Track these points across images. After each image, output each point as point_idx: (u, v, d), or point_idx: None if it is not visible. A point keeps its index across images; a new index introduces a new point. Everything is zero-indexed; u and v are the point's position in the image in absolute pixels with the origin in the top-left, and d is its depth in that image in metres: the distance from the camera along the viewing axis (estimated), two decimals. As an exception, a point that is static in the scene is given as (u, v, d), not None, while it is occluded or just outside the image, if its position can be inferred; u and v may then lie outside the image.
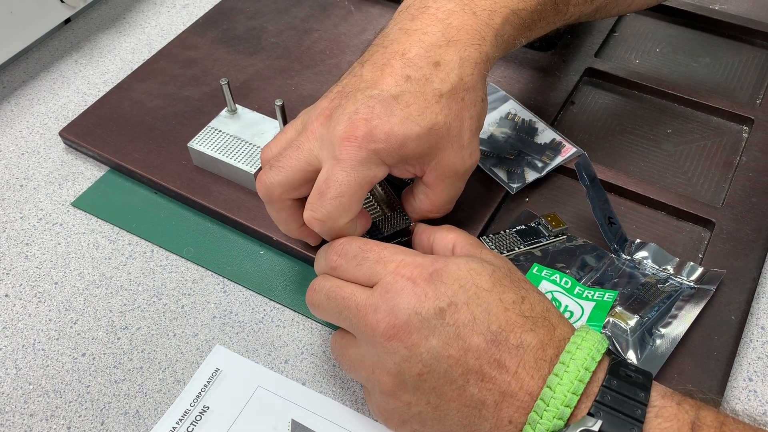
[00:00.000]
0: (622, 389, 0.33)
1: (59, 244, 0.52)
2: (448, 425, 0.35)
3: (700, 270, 0.46)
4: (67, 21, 0.70)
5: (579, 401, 0.33)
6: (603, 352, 0.34)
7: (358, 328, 0.36)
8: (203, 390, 0.43)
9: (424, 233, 0.43)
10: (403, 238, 0.44)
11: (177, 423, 0.42)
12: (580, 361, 0.33)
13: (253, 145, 0.52)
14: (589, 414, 0.32)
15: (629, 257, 0.47)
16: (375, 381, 0.36)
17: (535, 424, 0.33)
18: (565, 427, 0.32)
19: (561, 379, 0.33)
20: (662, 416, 0.32)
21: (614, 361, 0.34)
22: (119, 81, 0.62)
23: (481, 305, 0.34)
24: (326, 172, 0.38)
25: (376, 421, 0.42)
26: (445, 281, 0.35)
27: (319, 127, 0.40)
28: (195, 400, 0.43)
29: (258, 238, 0.51)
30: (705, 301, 0.44)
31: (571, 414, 0.32)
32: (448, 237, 0.41)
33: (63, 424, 0.43)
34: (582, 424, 0.32)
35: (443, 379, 0.34)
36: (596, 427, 0.32)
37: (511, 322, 0.34)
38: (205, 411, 0.42)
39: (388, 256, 0.37)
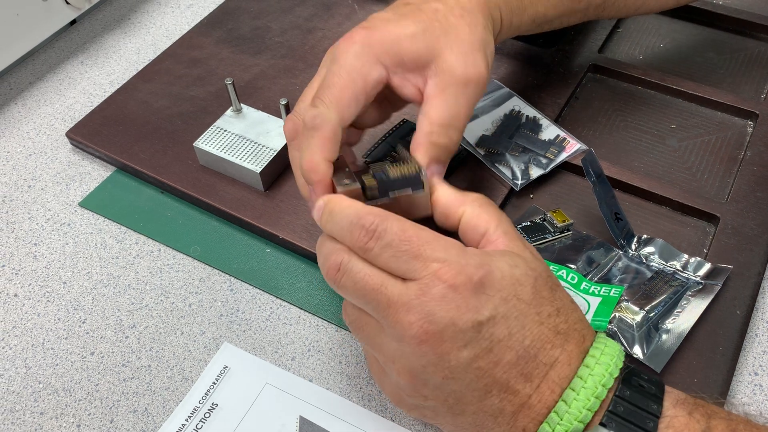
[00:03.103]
0: (634, 400, 0.32)
1: (67, 244, 0.52)
2: (459, 423, 0.35)
3: (707, 266, 0.46)
4: (73, 22, 0.70)
5: None
6: (621, 367, 0.34)
7: (386, 322, 0.34)
8: (212, 387, 0.44)
9: (450, 201, 0.38)
10: (414, 189, 0.39)
11: (186, 420, 0.42)
12: (598, 377, 0.33)
13: (259, 144, 0.53)
14: (601, 424, 0.32)
15: (636, 253, 0.47)
16: (393, 371, 0.35)
17: None
18: None
19: (578, 395, 0.32)
20: (673, 426, 0.32)
21: (627, 370, 0.34)
22: (125, 81, 0.63)
23: (519, 319, 0.33)
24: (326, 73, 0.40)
25: (383, 416, 0.42)
26: (488, 291, 0.33)
27: (327, 54, 0.42)
28: (204, 398, 0.43)
29: (264, 236, 0.51)
30: (711, 297, 0.44)
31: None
32: (480, 219, 0.37)
33: (73, 422, 0.43)
34: None
35: (466, 387, 0.33)
36: None
37: (543, 337, 0.33)
38: (213, 408, 0.43)
39: (428, 253, 0.33)
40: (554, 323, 0.34)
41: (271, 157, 0.52)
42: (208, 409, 0.43)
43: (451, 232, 0.37)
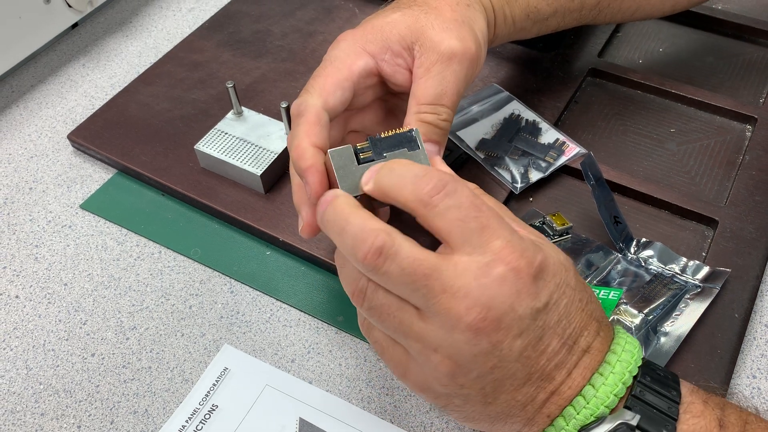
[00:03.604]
0: (655, 385, 0.33)
1: (68, 245, 0.52)
2: (488, 411, 0.34)
3: (705, 269, 0.46)
4: (75, 25, 0.70)
5: None
6: (642, 356, 0.34)
7: (434, 309, 0.31)
8: (212, 389, 0.44)
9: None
10: (410, 148, 0.37)
11: (186, 421, 0.42)
12: (626, 363, 0.33)
13: (259, 147, 0.53)
14: (626, 407, 0.32)
15: (635, 256, 0.47)
16: (433, 360, 0.32)
17: (570, 419, 0.32)
18: (599, 419, 0.32)
19: (606, 380, 0.32)
20: (690, 412, 0.33)
21: (644, 360, 0.35)
22: (126, 84, 0.63)
23: (567, 306, 0.33)
24: None
25: (382, 418, 0.42)
26: (545, 277, 0.32)
27: None
28: (204, 399, 0.43)
29: (264, 239, 0.51)
30: (710, 300, 0.44)
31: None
32: None
33: (73, 423, 0.43)
34: (620, 417, 0.32)
35: (509, 376, 0.32)
36: (634, 422, 0.31)
37: (583, 323, 0.33)
38: (214, 409, 0.43)
39: (495, 227, 0.31)
40: (591, 309, 0.34)
41: (272, 160, 0.52)
42: (209, 411, 0.43)
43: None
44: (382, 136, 0.37)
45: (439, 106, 0.40)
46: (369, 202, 0.41)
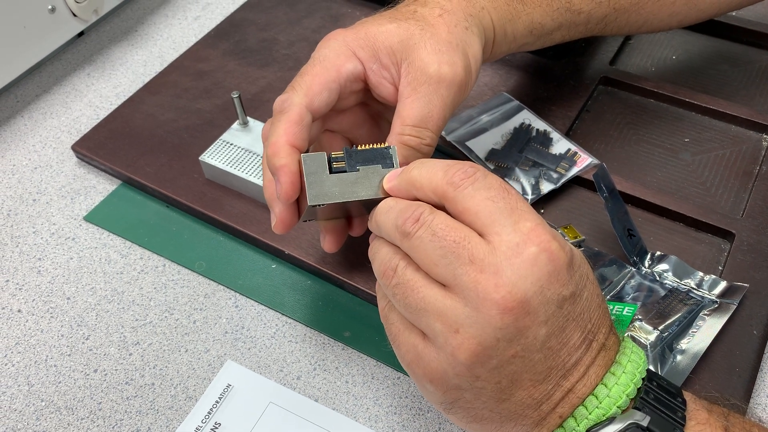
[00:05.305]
0: (661, 390, 0.32)
1: (71, 258, 0.52)
2: (500, 408, 0.32)
3: (722, 284, 0.45)
4: (80, 34, 0.70)
5: None
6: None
7: (462, 282, 0.31)
8: (215, 406, 0.43)
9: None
10: (384, 165, 0.37)
11: (189, 441, 0.41)
12: (635, 365, 0.32)
13: (265, 158, 0.52)
14: (636, 408, 0.32)
15: (649, 270, 0.46)
16: (453, 341, 0.31)
17: (582, 419, 0.31)
18: (609, 420, 0.31)
19: (619, 379, 0.32)
20: (695, 419, 0.32)
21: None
22: (131, 94, 0.62)
23: (588, 299, 0.32)
24: None
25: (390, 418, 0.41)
26: (574, 266, 0.32)
27: None
28: (206, 417, 0.42)
29: (270, 251, 0.51)
30: (727, 316, 0.43)
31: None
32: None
33: (75, 442, 0.42)
34: (630, 416, 0.31)
35: (529, 369, 0.31)
36: (645, 422, 0.31)
37: (601, 319, 0.33)
38: (216, 428, 0.42)
39: (524, 209, 0.32)
40: (605, 307, 0.34)
41: (278, 172, 0.51)
42: (211, 429, 0.42)
43: None
44: (359, 148, 0.37)
45: (423, 129, 0.39)
46: (330, 213, 0.40)
